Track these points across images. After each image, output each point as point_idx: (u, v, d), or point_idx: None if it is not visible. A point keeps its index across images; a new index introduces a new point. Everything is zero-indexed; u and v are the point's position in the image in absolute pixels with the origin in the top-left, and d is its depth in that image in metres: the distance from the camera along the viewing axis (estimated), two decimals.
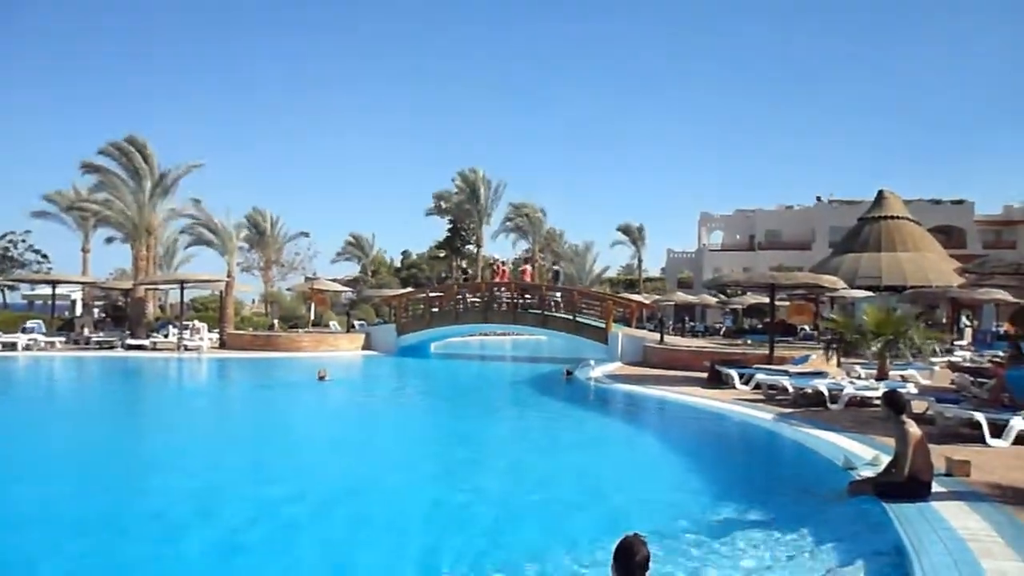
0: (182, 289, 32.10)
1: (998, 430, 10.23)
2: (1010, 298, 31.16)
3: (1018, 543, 5.75)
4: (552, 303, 30.05)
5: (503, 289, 31.35)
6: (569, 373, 21.52)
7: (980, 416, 10.44)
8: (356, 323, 37.46)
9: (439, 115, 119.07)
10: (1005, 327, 38.51)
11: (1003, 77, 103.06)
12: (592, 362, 23.64)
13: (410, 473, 10.27)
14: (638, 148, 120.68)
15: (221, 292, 34.12)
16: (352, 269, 72.41)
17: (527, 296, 30.91)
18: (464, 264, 59.34)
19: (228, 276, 35.84)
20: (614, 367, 23.85)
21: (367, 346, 30.96)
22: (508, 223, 62.53)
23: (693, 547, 6.38)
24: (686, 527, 6.97)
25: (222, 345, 30.54)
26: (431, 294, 34.06)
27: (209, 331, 31.87)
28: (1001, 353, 19.65)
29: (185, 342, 28.77)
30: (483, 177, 58.92)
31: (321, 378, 20.03)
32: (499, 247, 62.43)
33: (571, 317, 28.91)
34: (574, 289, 36.07)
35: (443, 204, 62.40)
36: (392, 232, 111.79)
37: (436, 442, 13.42)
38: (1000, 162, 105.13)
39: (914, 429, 7.36)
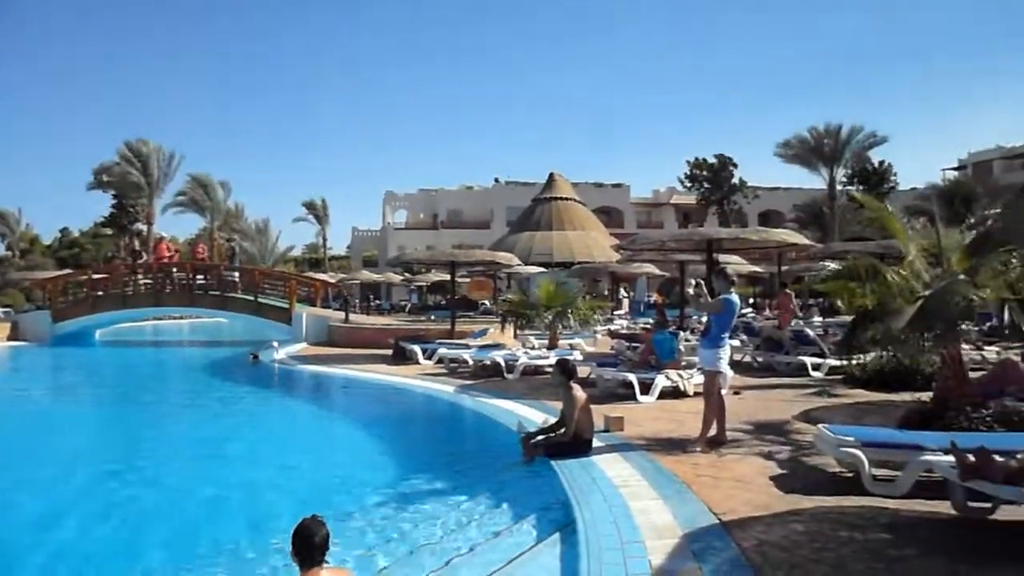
0: None
1: (646, 388, 11.53)
2: (657, 271, 35.05)
3: (658, 483, 6.54)
4: (231, 283, 28.74)
5: (177, 270, 29.37)
6: (255, 356, 20.79)
7: (632, 377, 11.69)
8: (0, 310, 33.07)
9: (104, 78, 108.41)
10: (654, 297, 43.36)
11: (649, 75, 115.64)
12: (276, 344, 23.03)
13: (68, 474, 9.28)
14: (325, 125, 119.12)
15: None
16: None
17: (205, 277, 29.28)
18: (136, 244, 54.72)
19: None
20: (299, 348, 23.46)
21: (14, 336, 27.38)
22: (182, 197, 58.29)
23: (381, 521, 6.46)
24: (375, 502, 7.06)
25: None
26: (95, 276, 30.95)
27: None
28: (651, 320, 22.08)
29: None
30: (156, 148, 54.17)
31: None
32: (175, 224, 58.19)
33: (252, 298, 27.88)
34: (255, 269, 34.81)
35: (105, 178, 56.41)
36: (47, 207, 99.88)
37: (96, 439, 12.16)
38: (650, 149, 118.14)
39: (579, 392, 8.06)
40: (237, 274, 29.79)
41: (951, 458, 5.13)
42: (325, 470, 9.14)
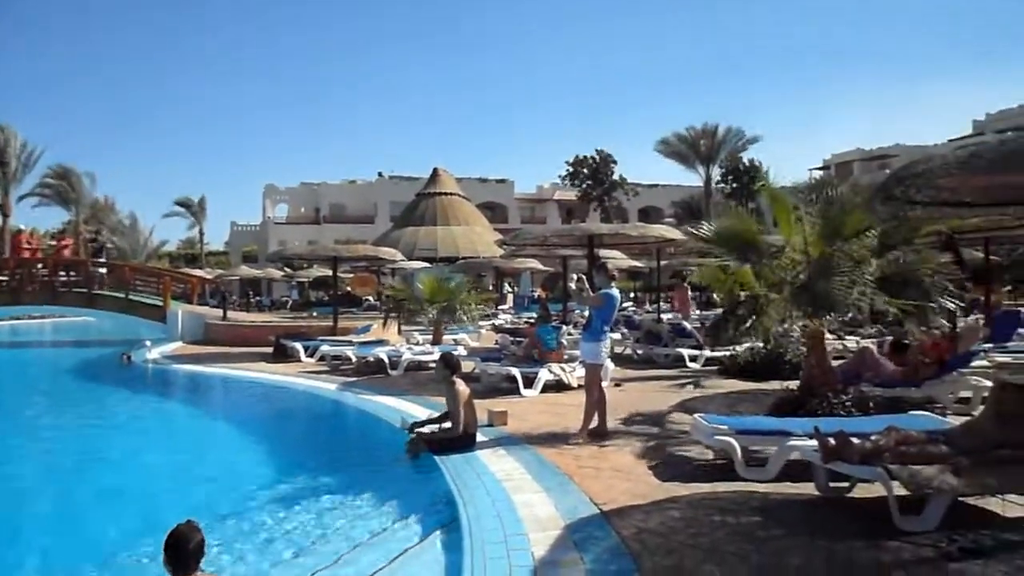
0: None
1: (530, 382, 11.67)
2: (540, 266, 35.48)
3: (541, 476, 6.64)
4: (99, 279, 27.37)
5: (40, 266, 27.70)
6: (127, 357, 19.86)
7: (516, 371, 11.81)
8: None
9: None
10: (538, 292, 43.86)
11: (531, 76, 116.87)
12: (149, 343, 22.07)
13: None
14: (201, 116, 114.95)
15: None
16: None
17: (70, 274, 27.75)
18: None
19: None
20: (174, 347, 22.58)
21: None
22: (44, 189, 54.97)
23: (262, 522, 6.30)
24: (255, 503, 6.86)
25: None
26: None
27: None
28: (535, 315, 22.35)
29: None
30: (12, 134, 50.63)
31: None
32: (36, 218, 54.64)
33: (123, 295, 26.64)
34: (126, 264, 33.28)
35: None
36: None
37: None
38: (533, 147, 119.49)
39: (462, 387, 8.09)
40: (104, 270, 28.34)
41: (815, 443, 5.42)
42: (203, 472, 8.81)
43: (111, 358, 20.75)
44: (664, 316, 20.89)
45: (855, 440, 5.16)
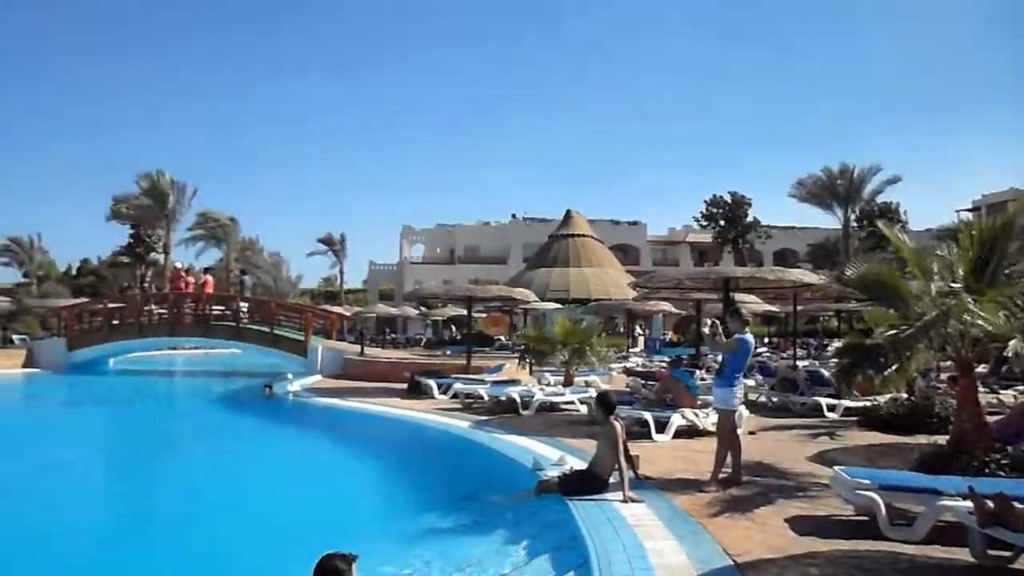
0: None
1: (662, 426, 11.50)
2: (673, 309, 35.02)
3: (672, 523, 6.53)
4: (246, 315, 28.89)
5: (192, 301, 29.53)
6: (269, 388, 20.81)
7: (648, 415, 11.66)
8: (15, 337, 33.28)
9: (122, 113, 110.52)
10: (670, 335, 43.25)
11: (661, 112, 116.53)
12: (291, 376, 23.06)
13: (84, 506, 9.37)
14: (343, 159, 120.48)
15: None
16: (11, 276, 64.29)
17: (220, 308, 29.45)
18: (148, 273, 55.04)
19: None
20: (314, 380, 23.46)
21: (29, 363, 27.57)
22: (198, 230, 58.86)
23: (394, 557, 6.44)
24: (388, 537, 7.04)
25: None
26: (111, 305, 31.19)
27: None
28: (667, 359, 22.05)
29: None
30: (170, 180, 54.60)
31: None
32: (192, 256, 58.36)
33: (268, 329, 27.99)
34: (271, 300, 34.99)
35: (124, 208, 56.98)
36: (66, 236, 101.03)
37: (110, 472, 12.23)
38: (666, 187, 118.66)
39: (619, 429, 7.90)
40: (246, 305, 29.90)
41: (969, 503, 5.10)
42: (339, 505, 9.12)
43: (254, 389, 21.79)
44: (800, 363, 20.14)
45: (1017, 504, 4.81)
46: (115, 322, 29.13)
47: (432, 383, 18.23)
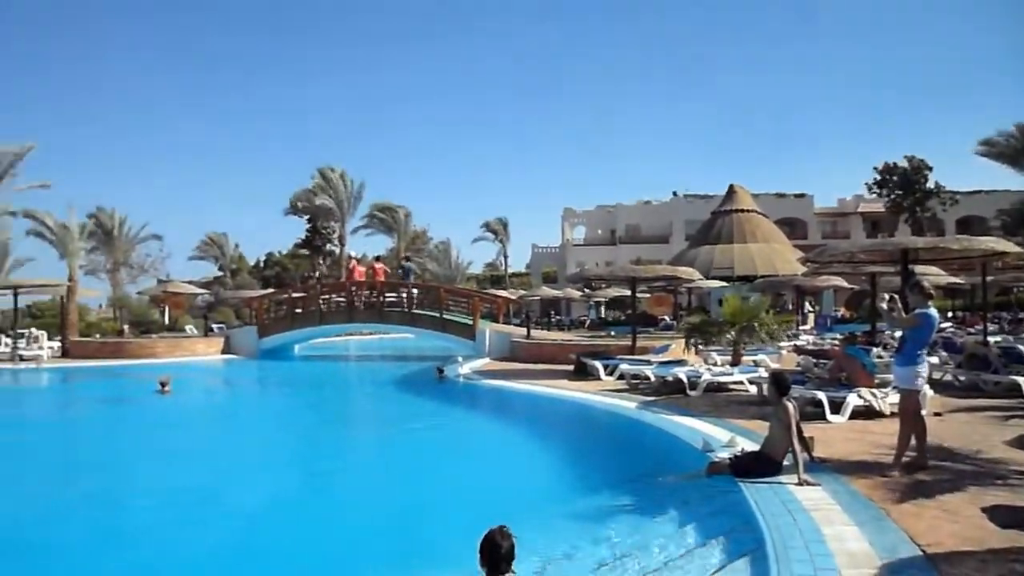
0: (15, 296, 29.50)
1: (836, 407, 11.06)
2: (845, 284, 33.40)
3: (852, 508, 6.28)
4: (415, 300, 30.03)
5: (364, 288, 31.04)
6: (441, 371, 21.54)
7: (821, 395, 11.24)
8: (214, 326, 36.13)
9: (295, 113, 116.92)
10: (842, 311, 41.26)
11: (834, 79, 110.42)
12: (460, 359, 23.81)
13: (278, 476, 10.19)
14: (502, 145, 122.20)
15: (62, 297, 32.05)
16: (209, 270, 69.76)
17: (393, 295, 30.78)
18: (325, 263, 58.23)
19: (70, 280, 33.55)
20: (482, 363, 24.08)
21: (226, 350, 30.04)
22: (372, 220, 61.77)
23: (563, 536, 6.59)
24: (557, 517, 7.21)
25: (64, 354, 28.84)
26: (294, 295, 33.32)
27: (50, 339, 30.25)
28: (839, 336, 21.10)
29: (20, 352, 27.29)
30: (343, 175, 57.90)
31: (163, 386, 18.01)
32: (365, 245, 61.51)
33: (438, 315, 28.98)
34: (440, 286, 36.12)
35: (300, 204, 60.87)
36: (251, 231, 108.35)
37: (304, 447, 13.22)
38: (833, 155, 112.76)
39: (793, 410, 7.67)
40: (415, 291, 31.13)
41: None
42: (507, 483, 9.42)
43: (427, 372, 22.64)
44: (991, 339, 18.72)
45: None
46: (298, 311, 31.13)
47: (598, 364, 18.31)
